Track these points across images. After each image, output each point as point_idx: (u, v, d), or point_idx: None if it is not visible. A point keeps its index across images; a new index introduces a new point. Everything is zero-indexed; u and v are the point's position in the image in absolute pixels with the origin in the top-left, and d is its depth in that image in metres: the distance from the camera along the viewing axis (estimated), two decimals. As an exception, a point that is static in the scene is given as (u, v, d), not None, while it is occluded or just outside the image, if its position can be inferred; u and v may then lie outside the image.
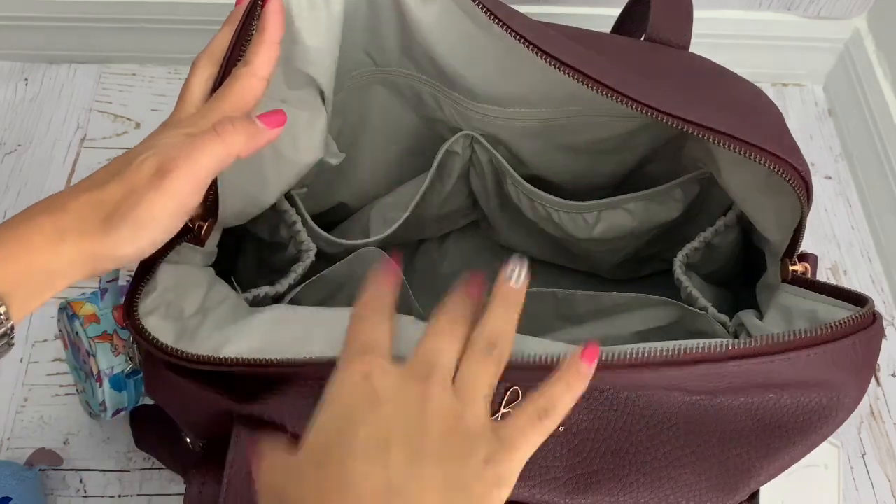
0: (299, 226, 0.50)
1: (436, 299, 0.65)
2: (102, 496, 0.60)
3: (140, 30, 0.79)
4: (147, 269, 0.41)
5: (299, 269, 0.50)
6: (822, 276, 0.74)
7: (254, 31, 0.40)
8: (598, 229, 0.57)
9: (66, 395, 0.64)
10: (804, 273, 0.44)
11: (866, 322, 0.38)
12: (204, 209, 0.42)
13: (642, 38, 0.53)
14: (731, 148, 0.40)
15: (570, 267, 0.66)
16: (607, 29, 0.78)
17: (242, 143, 0.37)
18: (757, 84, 0.85)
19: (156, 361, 0.40)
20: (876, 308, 0.39)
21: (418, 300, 0.66)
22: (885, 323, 0.72)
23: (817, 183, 0.80)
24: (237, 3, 0.42)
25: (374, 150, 0.59)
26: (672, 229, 0.57)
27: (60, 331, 0.55)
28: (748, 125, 0.42)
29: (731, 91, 0.49)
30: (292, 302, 0.49)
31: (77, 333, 0.51)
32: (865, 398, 0.68)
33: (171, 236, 0.37)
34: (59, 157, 0.77)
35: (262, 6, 0.40)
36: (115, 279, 0.53)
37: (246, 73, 0.39)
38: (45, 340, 0.67)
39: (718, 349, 0.36)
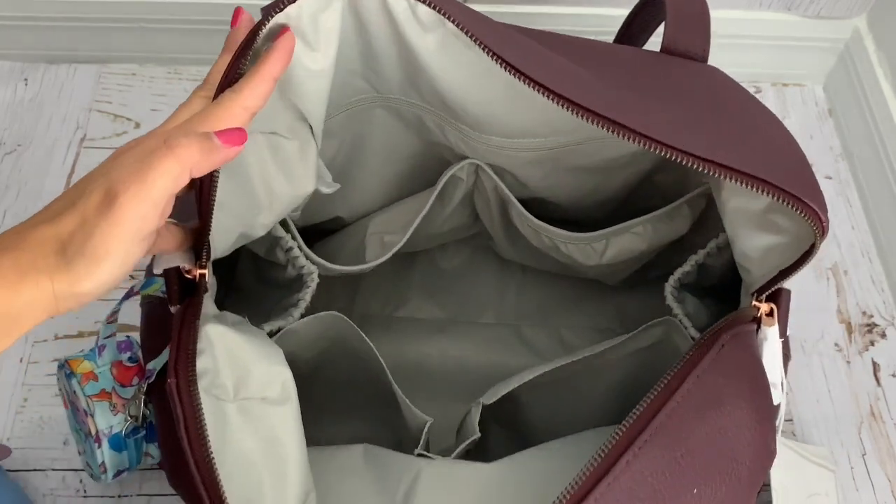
0: (296, 251, 0.50)
1: (437, 298, 0.66)
2: (102, 496, 0.60)
3: (140, 30, 0.79)
4: (187, 327, 0.39)
5: (307, 297, 0.49)
6: (822, 276, 0.74)
7: (249, 63, 0.38)
8: (607, 256, 0.55)
9: (66, 395, 0.64)
10: (769, 314, 0.42)
11: (698, 356, 0.39)
12: (196, 255, 0.41)
13: (659, 49, 0.51)
14: (751, 186, 0.38)
15: (574, 276, 0.65)
16: (607, 29, 0.78)
17: (196, 158, 0.34)
18: (757, 84, 0.86)
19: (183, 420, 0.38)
20: (718, 330, 0.40)
21: (419, 298, 0.66)
22: (885, 323, 0.72)
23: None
24: (232, 25, 0.41)
25: (373, 170, 0.57)
26: (681, 239, 0.56)
27: (60, 389, 0.54)
28: (769, 159, 0.40)
29: (751, 119, 0.46)
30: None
31: (75, 392, 0.50)
32: (865, 398, 0.68)
33: (133, 266, 0.35)
34: (58, 157, 0.77)
35: (275, 39, 0.39)
36: (113, 335, 0.51)
37: (232, 99, 0.37)
38: (45, 340, 0.67)
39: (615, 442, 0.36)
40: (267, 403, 0.41)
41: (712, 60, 0.51)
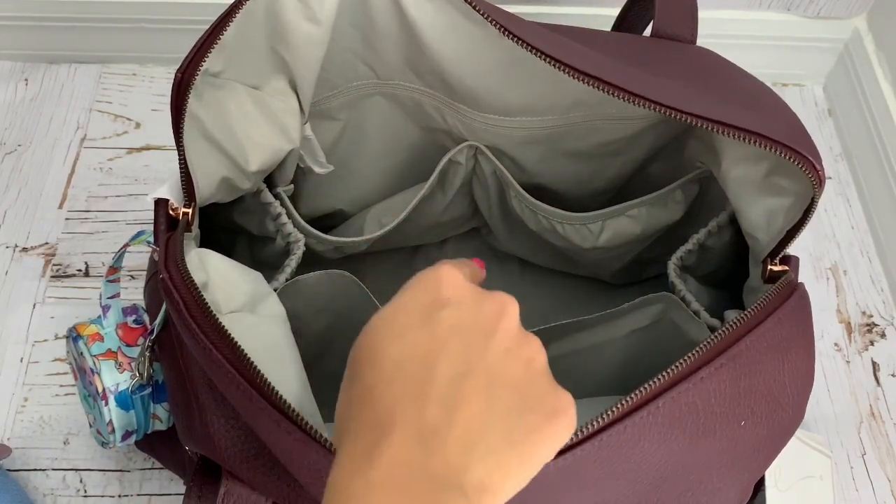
0: (284, 218, 0.51)
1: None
2: (102, 496, 0.60)
3: (140, 30, 0.80)
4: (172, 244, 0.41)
5: (292, 263, 0.50)
6: (822, 276, 0.74)
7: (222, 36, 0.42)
8: (602, 238, 0.56)
9: (66, 395, 0.64)
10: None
11: (781, 298, 0.40)
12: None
13: (649, 35, 0.52)
14: (749, 141, 0.40)
15: (571, 272, 0.66)
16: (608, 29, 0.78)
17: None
18: (757, 84, 0.85)
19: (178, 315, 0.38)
20: (792, 279, 0.42)
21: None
22: (884, 323, 0.72)
23: (817, 183, 0.80)
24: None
25: (373, 160, 0.58)
26: (674, 231, 0.57)
27: (70, 362, 0.54)
28: (764, 118, 0.41)
29: (743, 86, 0.48)
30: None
31: (81, 353, 0.50)
32: (865, 397, 0.68)
33: None
34: (59, 157, 0.77)
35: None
36: (117, 295, 0.52)
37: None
38: (45, 340, 0.67)
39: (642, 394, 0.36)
40: (257, 316, 0.42)
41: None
